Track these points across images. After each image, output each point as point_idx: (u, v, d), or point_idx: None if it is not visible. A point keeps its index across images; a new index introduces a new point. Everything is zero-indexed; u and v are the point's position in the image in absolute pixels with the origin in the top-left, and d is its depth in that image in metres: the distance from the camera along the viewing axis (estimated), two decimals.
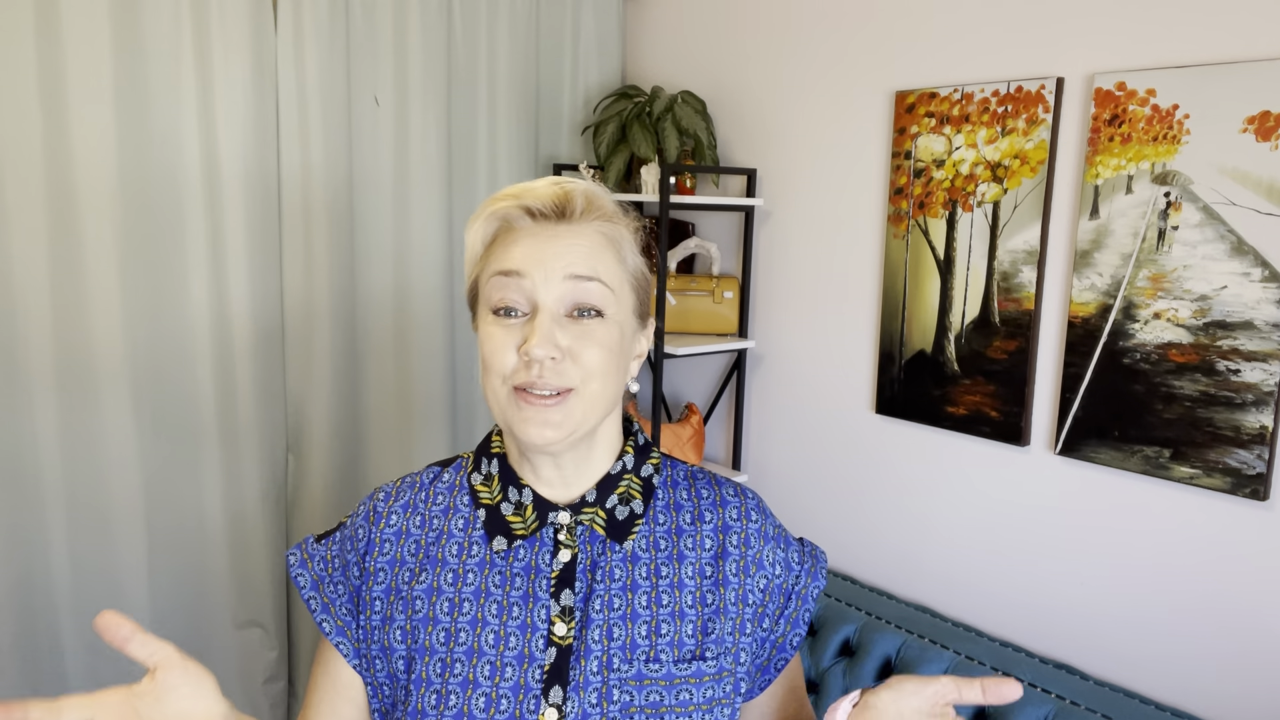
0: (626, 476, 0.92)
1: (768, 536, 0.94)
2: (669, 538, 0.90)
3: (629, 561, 0.88)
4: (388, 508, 0.94)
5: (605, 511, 0.89)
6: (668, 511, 0.92)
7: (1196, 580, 1.69)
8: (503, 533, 0.89)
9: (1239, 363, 1.59)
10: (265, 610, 2.25)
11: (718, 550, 0.90)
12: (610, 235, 0.87)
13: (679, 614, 0.87)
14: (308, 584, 0.94)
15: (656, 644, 0.85)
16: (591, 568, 0.87)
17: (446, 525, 0.91)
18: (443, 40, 2.37)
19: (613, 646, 0.85)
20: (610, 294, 0.85)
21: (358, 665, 0.91)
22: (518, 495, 0.90)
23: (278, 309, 2.21)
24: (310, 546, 0.96)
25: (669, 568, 0.89)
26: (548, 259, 0.83)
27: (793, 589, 0.93)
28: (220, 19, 2.02)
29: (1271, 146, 1.52)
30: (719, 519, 0.92)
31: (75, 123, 1.89)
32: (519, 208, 0.86)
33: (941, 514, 2.08)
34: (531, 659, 0.84)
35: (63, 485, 1.96)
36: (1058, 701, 1.72)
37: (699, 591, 0.88)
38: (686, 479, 0.95)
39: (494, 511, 0.90)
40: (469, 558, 0.89)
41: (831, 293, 2.28)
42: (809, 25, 2.28)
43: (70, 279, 1.92)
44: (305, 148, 2.18)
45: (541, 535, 0.88)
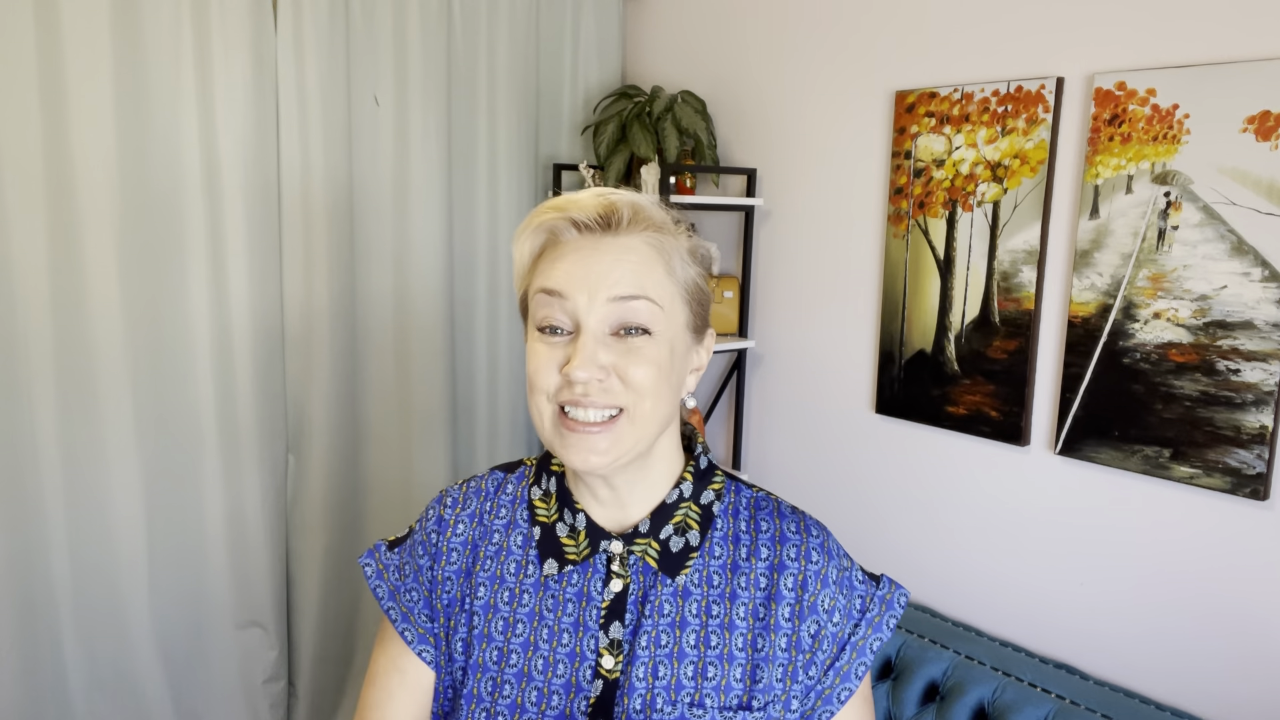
0: (684, 505, 0.88)
1: (827, 580, 0.87)
2: (723, 573, 0.86)
3: (679, 596, 0.85)
4: (455, 515, 0.92)
5: (659, 543, 0.86)
6: (725, 544, 0.87)
7: (1196, 580, 1.69)
8: (555, 555, 0.87)
9: (1239, 362, 1.59)
10: (265, 610, 2.25)
11: (771, 590, 0.85)
12: (659, 247, 0.84)
13: (727, 657, 0.83)
14: (385, 593, 0.92)
15: (702, 687, 0.82)
16: (642, 600, 0.85)
17: (506, 541, 0.90)
18: (443, 40, 2.37)
19: (657, 685, 0.82)
20: (659, 310, 0.82)
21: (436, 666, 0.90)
22: (572, 519, 0.88)
23: (278, 309, 2.21)
24: (384, 555, 0.94)
25: (720, 606, 0.85)
26: (592, 279, 0.80)
27: (848, 639, 0.87)
28: (220, 19, 2.02)
29: (1271, 146, 1.52)
30: (775, 556, 0.86)
31: (75, 123, 1.89)
32: (565, 219, 0.83)
33: (941, 514, 2.08)
34: (579, 689, 0.83)
35: (63, 485, 1.96)
36: (1058, 701, 1.72)
37: (750, 634, 0.84)
38: (749, 507, 0.90)
39: (549, 531, 0.88)
40: (525, 577, 0.87)
41: (831, 293, 2.28)
42: (809, 25, 2.28)
43: (70, 279, 1.92)
44: (305, 148, 2.18)
45: (594, 561, 0.86)
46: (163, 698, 2.13)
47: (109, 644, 2.06)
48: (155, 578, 2.10)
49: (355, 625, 2.46)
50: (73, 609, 2.01)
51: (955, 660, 1.86)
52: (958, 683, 1.82)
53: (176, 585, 2.14)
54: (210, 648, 2.20)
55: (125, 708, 2.09)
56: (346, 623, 2.44)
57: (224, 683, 2.23)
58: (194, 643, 2.18)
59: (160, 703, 2.13)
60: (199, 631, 2.18)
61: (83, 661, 2.03)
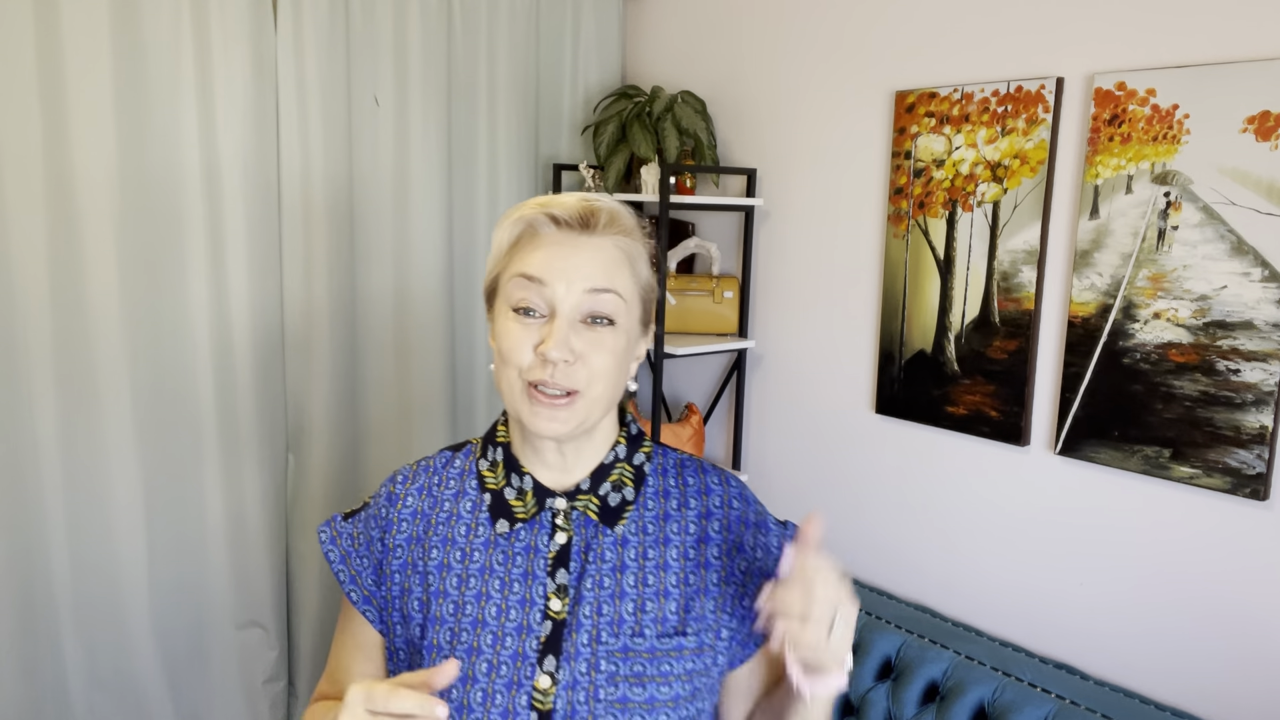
0: (619, 465, 1.00)
1: (748, 522, 1.01)
2: (656, 523, 0.98)
3: (619, 545, 0.96)
4: (405, 490, 1.03)
5: (598, 498, 0.98)
6: (656, 498, 1.00)
7: (1196, 580, 1.69)
8: (505, 516, 0.98)
9: (1239, 363, 1.59)
10: (265, 610, 2.25)
11: (700, 534, 0.99)
12: (627, 250, 0.95)
13: (663, 593, 0.95)
14: (337, 557, 1.03)
15: (641, 620, 0.93)
16: (585, 550, 0.96)
17: (456, 508, 1.00)
18: (443, 40, 2.37)
19: (601, 621, 0.93)
20: (623, 304, 0.93)
21: (382, 629, 1.01)
22: (519, 482, 0.98)
23: (278, 308, 2.21)
24: (339, 524, 1.05)
25: (655, 550, 0.97)
26: (569, 270, 0.91)
27: (769, 570, 0.99)
28: (220, 19, 2.02)
29: (1271, 146, 1.52)
30: (703, 505, 1.00)
31: (75, 122, 1.89)
32: (545, 215, 0.93)
33: (941, 514, 2.08)
34: (529, 630, 0.93)
35: (63, 485, 1.96)
36: (1058, 701, 1.72)
37: (683, 573, 0.96)
38: (675, 466, 1.03)
39: (498, 496, 0.99)
40: (475, 537, 0.98)
41: (831, 293, 2.28)
42: (809, 25, 2.28)
43: (70, 278, 1.92)
44: (305, 148, 2.18)
45: (540, 519, 0.97)
46: (163, 698, 2.13)
47: (109, 644, 2.06)
48: (155, 577, 2.10)
49: None
50: (73, 608, 2.01)
51: (955, 660, 1.86)
52: (958, 683, 1.82)
53: (176, 585, 2.14)
54: (210, 648, 2.20)
55: (125, 707, 2.09)
56: None
57: (224, 683, 2.23)
58: (194, 643, 2.18)
59: (160, 703, 2.13)
60: (199, 631, 2.18)
61: (83, 661, 2.03)
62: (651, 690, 0.91)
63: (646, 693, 0.91)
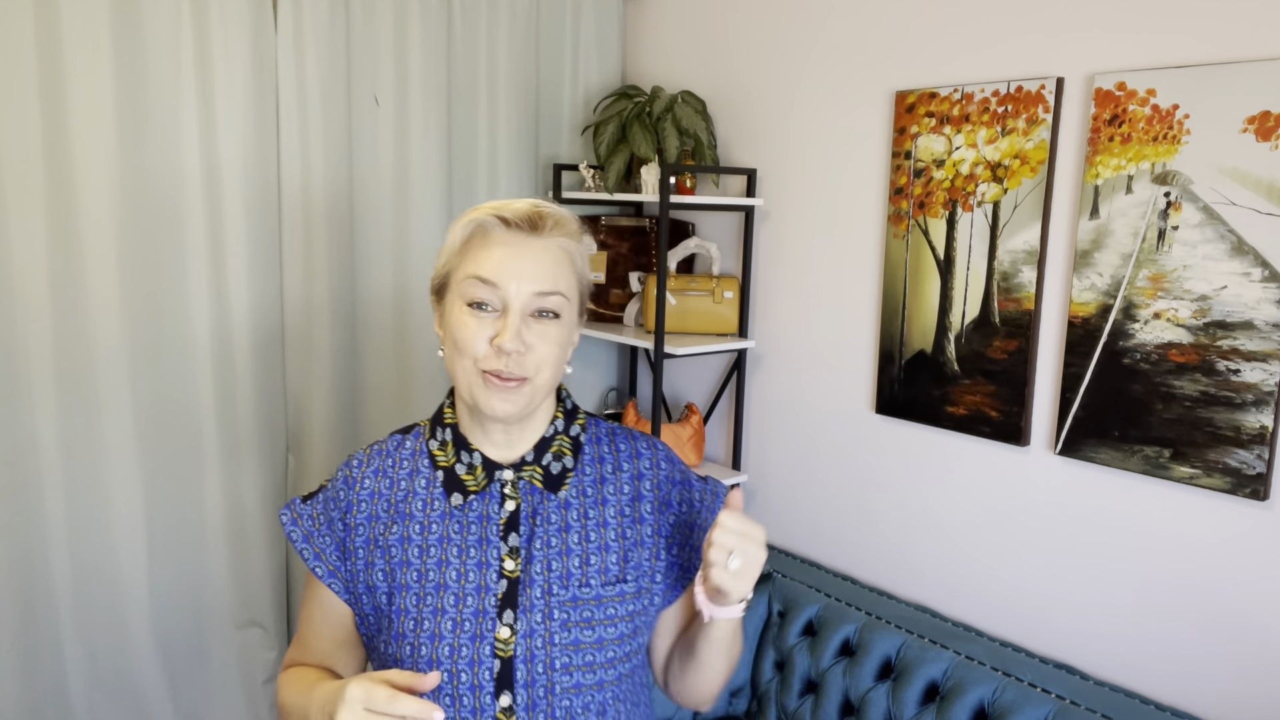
0: (559, 437, 1.11)
1: (674, 481, 1.14)
2: (594, 486, 1.10)
3: (563, 507, 1.08)
4: (361, 473, 1.12)
5: (542, 468, 1.08)
6: (593, 464, 1.11)
7: (1196, 580, 1.69)
8: (458, 489, 1.08)
9: (1239, 363, 1.59)
10: (265, 610, 2.25)
11: (634, 493, 1.11)
12: (569, 250, 1.05)
13: (604, 547, 1.08)
14: (300, 537, 1.12)
15: (587, 572, 1.06)
16: (532, 514, 1.07)
17: (412, 485, 1.10)
18: (443, 40, 2.37)
19: (552, 576, 1.05)
20: (566, 301, 1.04)
21: (349, 600, 1.10)
22: (469, 458, 1.08)
23: (278, 308, 2.21)
24: (298, 507, 1.14)
25: (595, 510, 1.09)
26: (520, 272, 1.00)
27: (694, 522, 1.13)
28: (220, 19, 2.02)
29: (1271, 146, 1.52)
30: (634, 468, 1.12)
31: (75, 122, 1.89)
32: (497, 217, 1.02)
33: (941, 514, 2.08)
34: (487, 589, 1.04)
35: (63, 486, 1.96)
36: (1058, 701, 1.72)
37: (620, 528, 1.09)
38: (608, 435, 1.15)
39: (450, 472, 1.09)
40: (432, 511, 1.08)
41: (831, 293, 2.28)
42: (809, 25, 2.28)
43: (70, 279, 1.92)
44: (305, 148, 2.18)
45: (490, 490, 1.07)
46: (163, 698, 2.13)
47: (109, 644, 2.06)
48: (155, 577, 2.10)
49: None
50: (73, 609, 2.01)
51: (955, 660, 1.86)
52: (958, 683, 1.82)
53: (176, 585, 2.14)
54: (210, 648, 2.20)
55: (125, 707, 2.09)
56: None
57: (224, 683, 2.23)
58: (194, 642, 2.18)
59: (160, 703, 2.13)
60: (199, 631, 2.18)
61: (83, 661, 2.03)
62: (599, 631, 1.04)
63: (595, 634, 1.04)
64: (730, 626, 1.04)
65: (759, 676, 2.17)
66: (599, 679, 1.04)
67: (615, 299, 2.67)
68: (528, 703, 1.01)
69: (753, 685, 2.19)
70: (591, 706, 1.04)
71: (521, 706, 1.01)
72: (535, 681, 1.02)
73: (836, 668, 2.01)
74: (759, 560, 0.97)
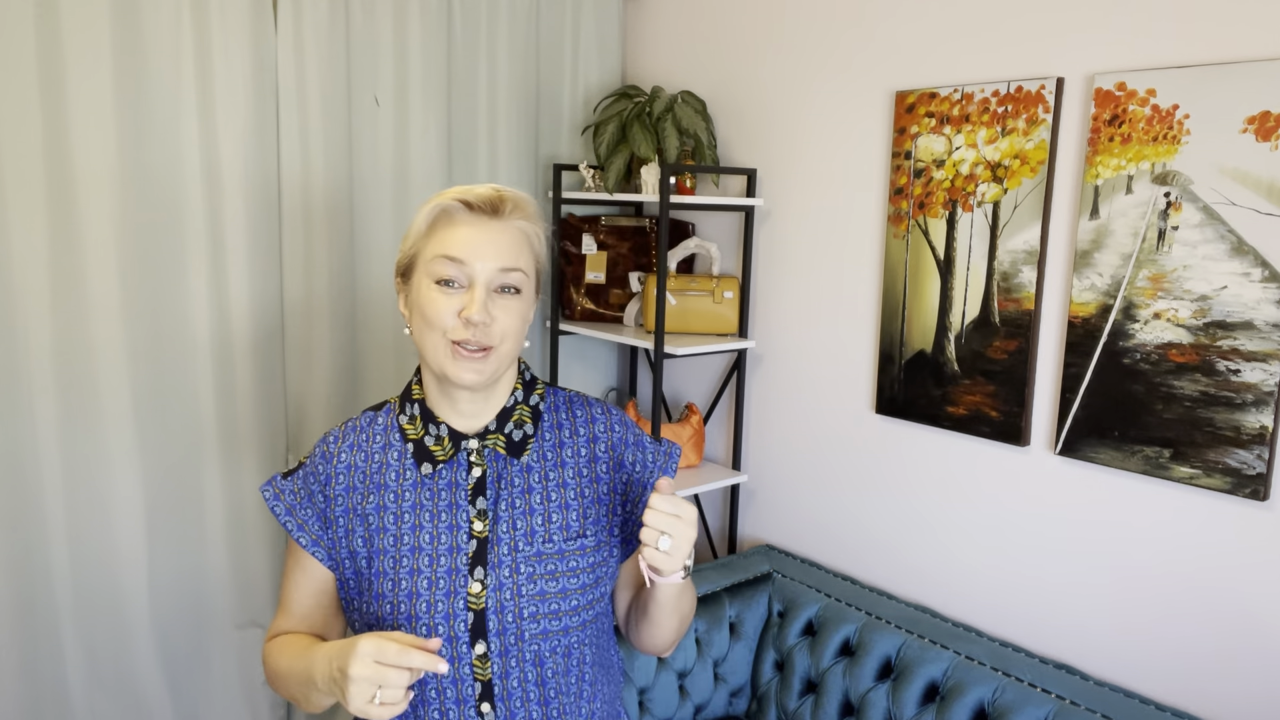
0: (519, 406, 1.20)
1: (628, 443, 1.23)
2: (554, 449, 1.20)
3: (525, 471, 1.17)
4: (338, 448, 1.21)
5: (504, 436, 1.18)
6: (552, 430, 1.21)
7: (1196, 580, 1.69)
8: (427, 460, 1.17)
9: (1239, 363, 1.59)
10: (265, 610, 2.25)
11: (590, 455, 1.21)
12: (527, 232, 1.14)
13: (565, 506, 1.17)
14: (283, 511, 1.20)
15: (549, 529, 1.15)
16: (497, 479, 1.16)
17: (385, 458, 1.19)
18: (443, 40, 2.37)
19: (517, 534, 1.14)
20: (525, 278, 1.13)
21: (331, 566, 1.19)
22: (436, 430, 1.17)
23: (278, 308, 2.21)
24: (280, 483, 1.22)
25: (555, 473, 1.18)
26: (483, 250, 1.09)
27: (647, 481, 1.22)
28: (220, 19, 2.02)
29: (1271, 146, 1.52)
30: (590, 432, 1.22)
31: (75, 123, 1.89)
32: (460, 201, 1.11)
33: (941, 514, 2.08)
34: (458, 549, 1.13)
35: (63, 485, 1.96)
36: (1058, 701, 1.72)
37: (579, 488, 1.19)
38: (565, 403, 1.24)
39: (419, 444, 1.17)
40: (404, 480, 1.17)
41: (831, 293, 2.28)
42: (809, 25, 2.28)
43: (70, 279, 1.92)
44: (305, 148, 2.18)
45: (458, 459, 1.16)
46: (163, 698, 2.13)
47: (109, 644, 2.06)
48: (155, 577, 2.10)
49: None
50: (73, 609, 2.01)
51: (955, 660, 1.86)
52: (958, 683, 1.83)
53: (176, 585, 2.14)
54: (210, 648, 2.20)
55: (125, 707, 2.09)
56: None
57: (224, 683, 2.23)
58: (194, 643, 2.18)
59: (160, 703, 2.13)
60: (199, 631, 2.18)
61: (83, 661, 2.03)
62: (563, 582, 1.14)
63: (559, 585, 1.14)
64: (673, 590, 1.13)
65: (759, 676, 2.17)
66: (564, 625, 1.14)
67: (615, 299, 2.67)
68: (501, 649, 1.12)
69: (753, 685, 2.19)
70: (559, 650, 1.15)
71: (495, 653, 1.12)
72: (506, 630, 1.12)
73: (836, 668, 2.01)
74: (689, 538, 1.04)
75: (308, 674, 1.07)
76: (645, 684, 2.03)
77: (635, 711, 2.01)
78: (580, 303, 2.68)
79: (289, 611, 1.22)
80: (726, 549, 2.61)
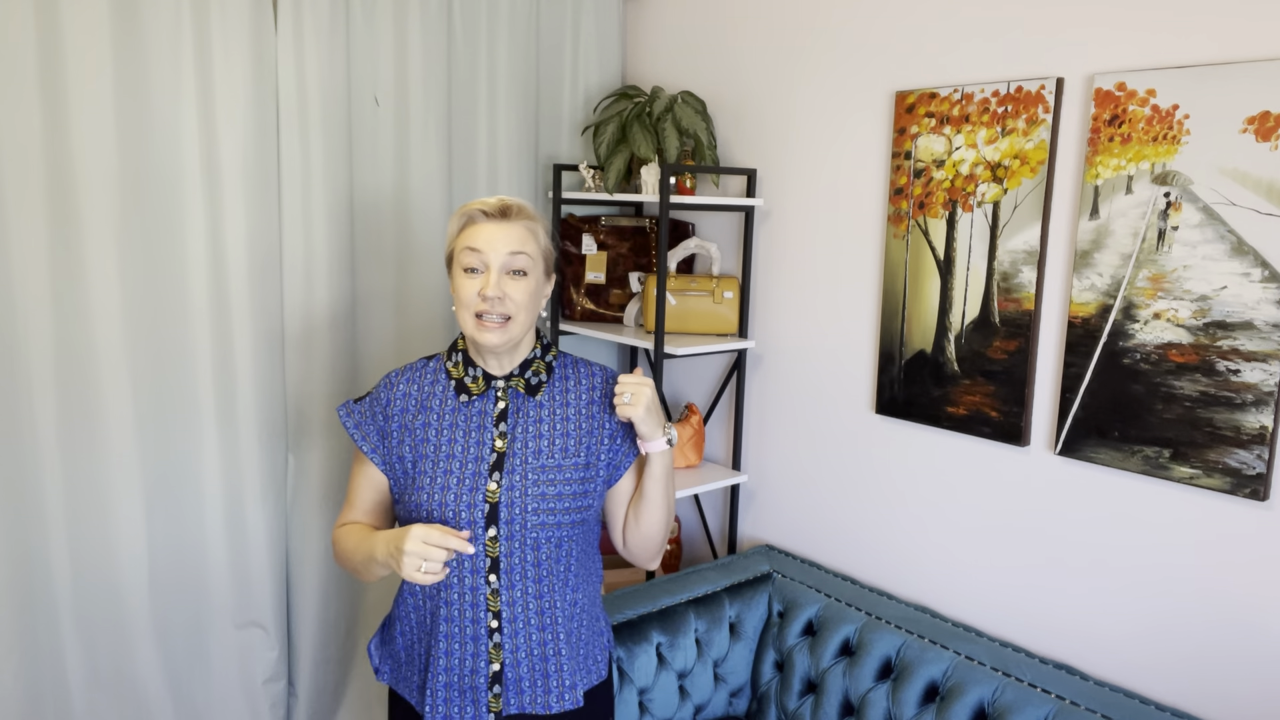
0: (536, 361, 1.56)
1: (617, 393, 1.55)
2: (562, 394, 1.56)
3: (538, 407, 1.54)
4: (398, 380, 1.58)
5: (524, 380, 1.54)
6: (561, 380, 1.57)
7: (1196, 580, 1.69)
8: (465, 392, 1.53)
9: (1239, 363, 1.59)
10: (265, 610, 2.25)
11: (590, 400, 1.57)
12: (531, 229, 1.50)
13: (566, 434, 1.53)
14: (352, 425, 1.57)
15: (553, 449, 1.52)
16: (516, 411, 1.53)
17: (433, 390, 1.56)
18: (443, 40, 2.37)
19: (528, 452, 1.50)
20: (531, 261, 1.48)
21: (384, 468, 1.56)
22: (474, 372, 1.54)
23: (278, 309, 2.21)
24: (351, 405, 1.59)
25: (561, 410, 1.55)
26: (496, 242, 1.46)
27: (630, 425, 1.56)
28: (220, 19, 2.02)
29: (1271, 146, 1.52)
30: (590, 383, 1.59)
31: (75, 122, 1.89)
32: (480, 210, 1.49)
33: (941, 514, 2.08)
34: (482, 459, 1.50)
35: (63, 485, 1.96)
36: (1058, 701, 1.72)
37: (579, 421, 1.55)
38: (572, 364, 1.61)
39: (460, 382, 1.55)
40: (446, 406, 1.54)
41: (831, 293, 2.28)
42: (809, 25, 2.28)
43: (70, 278, 1.92)
44: (305, 148, 2.18)
45: (488, 394, 1.54)
46: (163, 697, 2.13)
47: (109, 643, 2.06)
48: (155, 577, 2.10)
49: (355, 625, 2.46)
50: (73, 608, 2.01)
51: (955, 660, 1.86)
52: (958, 683, 1.83)
53: (176, 585, 2.14)
54: (210, 648, 2.20)
55: (125, 707, 2.09)
56: (346, 623, 2.44)
57: (224, 683, 2.23)
58: (194, 643, 2.18)
59: (160, 702, 2.13)
60: (199, 631, 2.18)
61: (83, 660, 2.03)
62: (560, 488, 1.49)
63: (556, 490, 1.49)
64: (663, 460, 1.52)
65: (759, 676, 2.17)
66: (557, 520, 1.49)
67: (615, 299, 2.67)
68: (508, 534, 1.47)
69: (753, 685, 2.19)
70: (552, 539, 1.49)
71: (504, 536, 1.47)
72: (514, 520, 1.47)
73: (836, 668, 2.01)
74: (646, 394, 1.45)
75: (370, 552, 1.45)
76: (645, 684, 2.03)
77: (635, 712, 2.01)
78: (580, 303, 2.68)
79: (353, 505, 1.59)
80: (726, 549, 2.61)
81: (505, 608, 1.48)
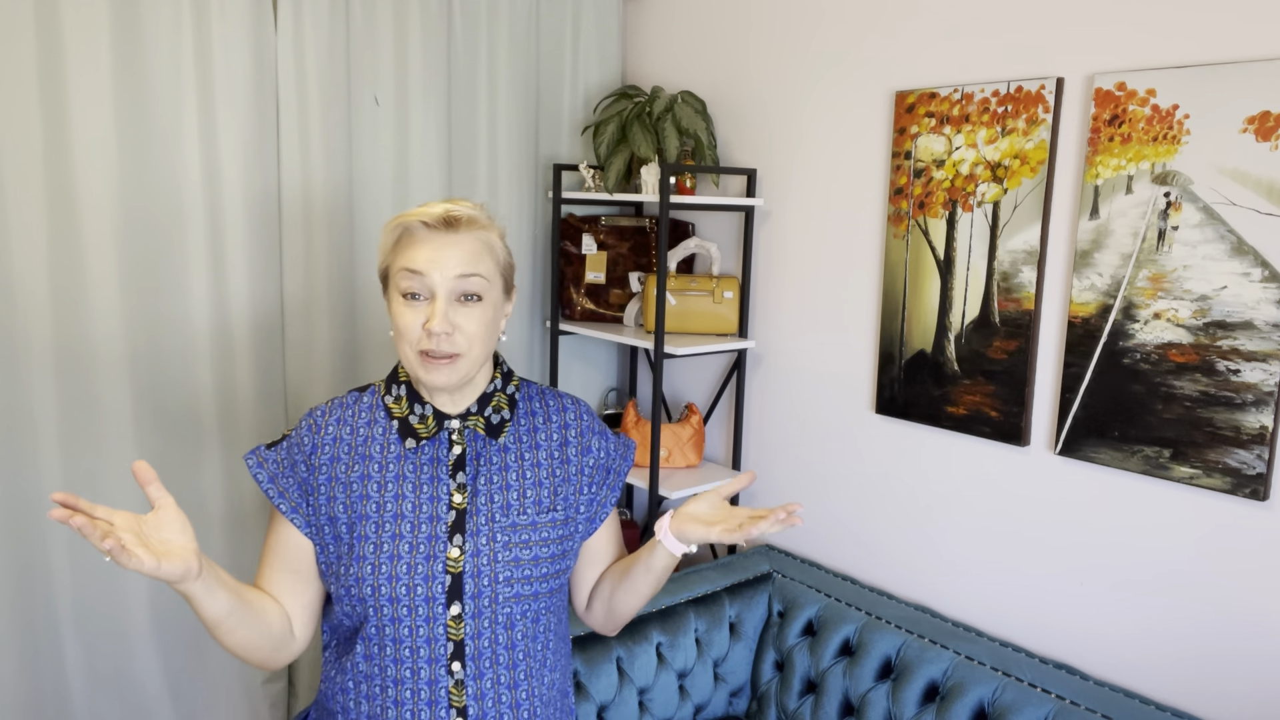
0: (497, 394, 1.28)
1: (595, 431, 1.34)
2: (529, 433, 1.30)
3: (502, 451, 1.26)
4: (324, 421, 1.27)
5: (484, 419, 1.26)
6: (526, 416, 1.31)
7: (1196, 580, 1.69)
8: (411, 435, 1.24)
9: (1239, 363, 1.59)
10: None
11: (562, 440, 1.31)
12: (484, 240, 1.21)
13: (538, 483, 1.27)
14: (265, 478, 1.25)
15: (524, 502, 1.25)
16: (476, 457, 1.25)
17: (370, 432, 1.26)
18: (443, 40, 2.37)
19: (494, 506, 1.23)
20: (486, 283, 1.19)
21: (309, 533, 1.24)
22: (421, 409, 1.25)
23: (277, 308, 2.21)
24: (264, 453, 1.27)
25: (530, 453, 1.28)
26: (441, 262, 1.16)
27: (610, 466, 1.34)
28: (220, 19, 2.02)
29: (1271, 146, 1.52)
30: (561, 420, 1.33)
31: (75, 123, 1.89)
32: (417, 221, 1.18)
33: (941, 514, 2.08)
34: (439, 519, 1.21)
35: (63, 485, 1.96)
36: (1058, 701, 1.72)
37: (550, 467, 1.29)
38: (538, 394, 1.35)
39: (404, 421, 1.25)
40: (388, 453, 1.24)
41: (831, 293, 2.28)
42: (809, 25, 2.28)
43: (70, 279, 1.92)
44: (305, 148, 2.18)
45: (440, 436, 1.25)
46: (163, 697, 2.14)
47: (109, 644, 2.06)
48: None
49: None
50: (73, 608, 2.01)
51: (955, 660, 1.86)
52: (958, 683, 1.83)
53: None
54: (210, 648, 2.20)
55: (125, 707, 2.09)
56: None
57: (224, 683, 2.23)
58: (194, 643, 2.18)
59: (160, 702, 2.13)
60: (199, 631, 2.18)
61: (83, 661, 2.03)
62: (535, 550, 1.23)
63: (531, 553, 1.23)
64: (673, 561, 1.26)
65: (759, 676, 2.17)
66: (534, 590, 1.23)
67: (615, 299, 2.68)
68: (474, 611, 1.20)
69: (753, 685, 2.19)
70: (528, 614, 1.23)
71: (469, 614, 1.20)
72: (481, 593, 1.20)
73: (836, 668, 2.01)
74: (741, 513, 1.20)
75: None
76: (645, 684, 2.03)
77: (635, 711, 2.01)
78: (580, 303, 2.68)
79: (261, 574, 1.28)
80: (726, 549, 2.61)
81: (472, 703, 1.20)
